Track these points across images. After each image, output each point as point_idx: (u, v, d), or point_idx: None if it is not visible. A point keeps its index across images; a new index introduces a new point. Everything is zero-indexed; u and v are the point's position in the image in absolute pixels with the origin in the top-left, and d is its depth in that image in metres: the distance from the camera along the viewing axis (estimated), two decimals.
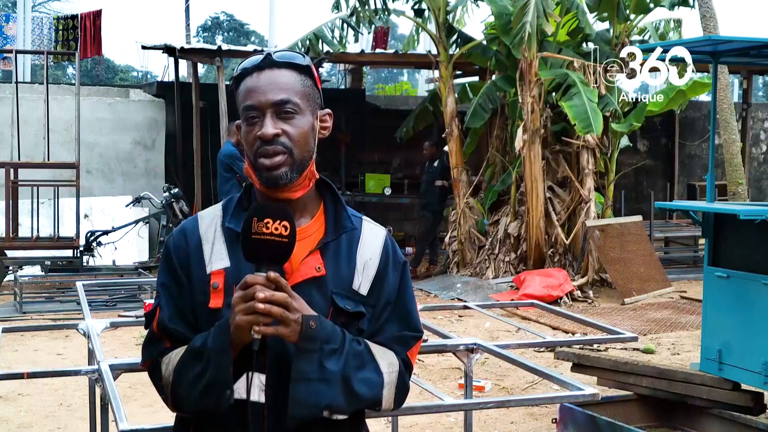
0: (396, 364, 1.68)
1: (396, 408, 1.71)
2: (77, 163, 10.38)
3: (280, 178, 1.63)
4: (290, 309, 1.52)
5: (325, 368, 1.55)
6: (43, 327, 5.29)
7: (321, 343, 1.55)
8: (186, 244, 1.70)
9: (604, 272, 9.93)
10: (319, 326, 1.55)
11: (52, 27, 13.21)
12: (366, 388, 1.61)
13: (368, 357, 1.63)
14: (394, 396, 1.68)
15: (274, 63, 1.66)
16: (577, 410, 4.31)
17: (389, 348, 1.69)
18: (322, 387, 1.55)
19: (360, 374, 1.60)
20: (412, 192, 13.14)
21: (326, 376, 1.55)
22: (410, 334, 1.73)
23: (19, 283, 8.73)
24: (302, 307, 1.56)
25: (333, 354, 1.56)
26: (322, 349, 1.55)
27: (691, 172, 15.93)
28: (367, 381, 1.61)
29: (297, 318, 1.53)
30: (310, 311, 1.57)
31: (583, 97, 9.14)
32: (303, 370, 1.54)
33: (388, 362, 1.66)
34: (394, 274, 1.73)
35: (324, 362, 1.55)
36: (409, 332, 1.73)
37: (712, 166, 5.15)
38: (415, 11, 11.37)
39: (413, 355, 1.74)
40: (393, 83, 30.84)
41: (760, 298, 4.31)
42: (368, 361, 1.63)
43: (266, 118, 1.62)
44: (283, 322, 1.52)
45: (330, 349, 1.56)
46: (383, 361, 1.65)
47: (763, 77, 27.38)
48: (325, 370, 1.55)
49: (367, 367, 1.62)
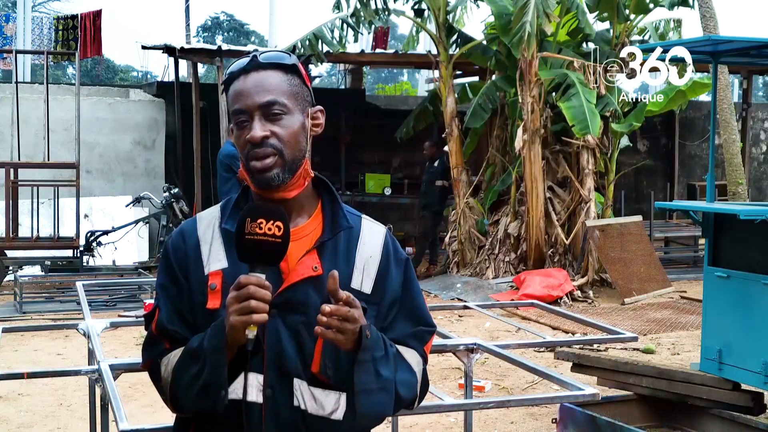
0: (421, 362, 1.71)
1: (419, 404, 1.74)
2: (77, 163, 10.38)
3: (273, 180, 1.63)
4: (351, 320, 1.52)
5: (381, 376, 1.58)
6: (43, 327, 5.29)
7: (372, 351, 1.57)
8: (184, 245, 1.70)
9: (604, 272, 9.93)
10: (371, 333, 1.57)
11: (52, 27, 13.21)
12: (407, 390, 1.65)
13: (400, 358, 1.66)
14: (420, 393, 1.72)
15: (259, 65, 1.66)
16: (577, 410, 4.31)
17: (408, 345, 1.71)
18: (382, 396, 1.58)
19: (400, 376, 1.64)
20: (412, 192, 13.15)
21: (383, 385, 1.58)
22: (425, 329, 1.75)
23: (19, 283, 8.73)
24: (360, 316, 1.56)
25: (383, 360, 1.59)
26: (374, 357, 1.57)
27: (691, 172, 15.93)
28: (406, 382, 1.65)
29: (355, 328, 1.54)
30: (363, 318, 1.57)
31: (581, 98, 9.14)
32: (365, 381, 1.56)
33: (416, 360, 1.70)
34: (398, 271, 1.73)
35: (379, 370, 1.57)
36: (424, 327, 1.75)
37: (712, 166, 5.15)
38: (415, 11, 11.37)
39: (428, 349, 1.77)
40: (393, 83, 30.85)
41: (760, 298, 4.31)
42: (401, 361, 1.66)
43: (254, 120, 1.63)
44: (342, 332, 1.51)
45: (380, 355, 1.58)
46: (412, 359, 1.69)
47: (763, 77, 27.39)
48: (381, 378, 1.58)
49: (402, 368, 1.65)
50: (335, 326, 1.50)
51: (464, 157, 11.00)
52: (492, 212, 10.87)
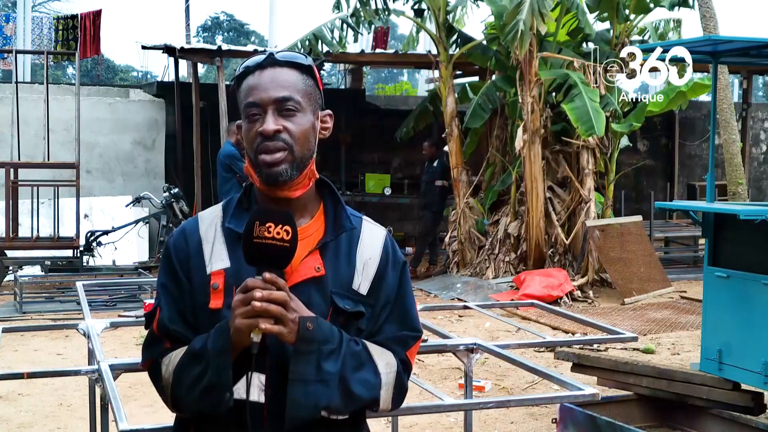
0: (394, 364, 1.68)
1: (394, 408, 1.71)
2: (77, 163, 10.38)
3: (280, 175, 1.63)
4: (288, 308, 1.52)
5: (323, 369, 1.55)
6: (43, 327, 5.29)
7: (318, 344, 1.55)
8: (186, 244, 1.70)
9: (604, 272, 9.93)
10: (317, 327, 1.55)
11: (52, 27, 13.22)
12: (363, 389, 1.61)
13: (366, 357, 1.63)
14: (392, 396, 1.68)
15: (276, 62, 1.67)
16: (577, 410, 4.31)
17: (388, 348, 1.69)
18: (319, 388, 1.55)
19: (358, 375, 1.60)
20: (412, 192, 13.15)
21: (324, 377, 1.55)
22: (409, 334, 1.73)
23: (19, 283, 8.73)
24: (299, 307, 1.56)
25: (331, 355, 1.56)
26: (319, 350, 1.55)
27: (691, 172, 15.93)
28: (364, 381, 1.61)
29: (294, 318, 1.53)
30: (308, 312, 1.57)
31: (584, 98, 9.12)
32: (300, 371, 1.54)
33: (386, 362, 1.66)
34: (394, 274, 1.73)
35: (321, 363, 1.55)
36: (408, 332, 1.73)
37: (712, 166, 5.15)
38: (415, 11, 11.37)
39: (412, 355, 1.74)
40: (393, 83, 30.85)
41: (760, 298, 4.31)
42: (366, 361, 1.63)
43: (267, 114, 1.63)
44: (281, 321, 1.52)
45: (328, 350, 1.56)
46: (381, 361, 1.65)
47: (763, 77, 27.38)
48: (323, 371, 1.55)
49: (365, 368, 1.62)
50: (275, 313, 1.49)
51: (464, 157, 11.00)
52: (492, 212, 10.87)
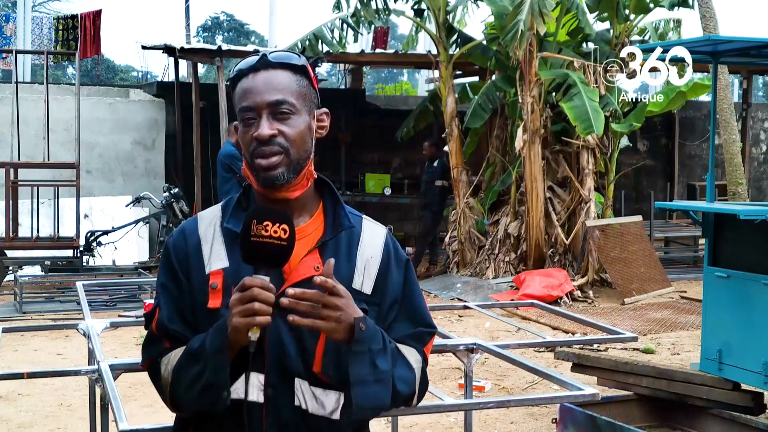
0: (420, 359, 1.71)
1: (417, 403, 1.73)
2: (77, 163, 10.38)
3: (277, 179, 1.63)
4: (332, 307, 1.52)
5: (378, 368, 1.57)
6: (43, 327, 5.29)
7: (369, 344, 1.56)
8: (185, 244, 1.70)
9: (604, 272, 9.93)
10: (367, 326, 1.56)
11: (52, 27, 13.21)
12: (404, 385, 1.64)
13: (398, 354, 1.66)
14: (419, 392, 1.71)
15: (269, 64, 1.66)
16: (577, 410, 4.31)
17: (407, 345, 1.71)
18: (378, 388, 1.57)
19: (398, 371, 1.63)
20: (412, 192, 13.15)
21: (380, 377, 1.58)
22: (425, 330, 1.75)
23: (19, 283, 8.73)
24: (347, 305, 1.55)
25: (380, 353, 1.58)
26: (371, 349, 1.56)
27: (691, 172, 15.93)
28: (404, 378, 1.64)
29: (338, 316, 1.53)
30: (357, 310, 1.57)
31: (583, 98, 9.12)
32: (360, 373, 1.56)
33: (414, 358, 1.69)
34: (398, 272, 1.73)
35: (376, 362, 1.57)
36: (424, 328, 1.75)
37: (712, 166, 5.15)
38: (415, 11, 11.36)
39: (428, 350, 1.77)
40: (393, 83, 30.85)
41: (760, 298, 4.31)
42: (399, 357, 1.66)
43: (262, 118, 1.62)
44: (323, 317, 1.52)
45: (377, 348, 1.58)
46: (411, 357, 1.68)
47: (763, 77, 27.38)
48: (378, 370, 1.57)
49: (401, 364, 1.65)
50: (304, 310, 1.50)
51: (464, 157, 11.00)
52: (492, 212, 10.87)
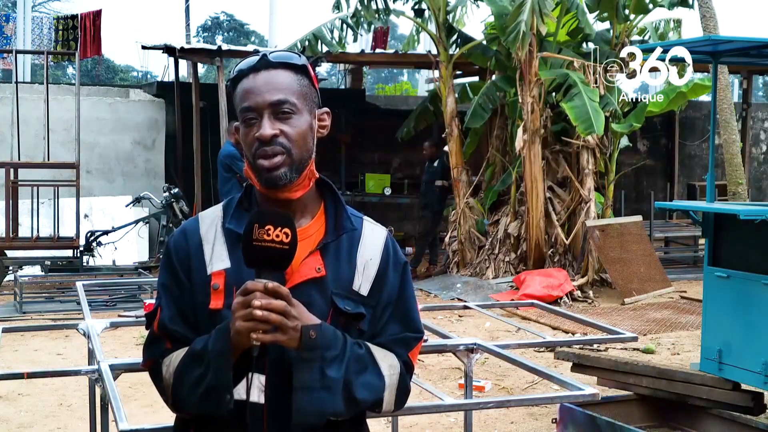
0: (397, 366, 1.68)
1: (397, 409, 1.71)
2: (77, 163, 10.37)
3: (280, 179, 1.63)
4: (288, 317, 1.51)
5: (327, 376, 1.55)
6: (43, 327, 5.29)
7: (322, 351, 1.55)
8: (186, 244, 1.69)
9: (604, 272, 9.93)
10: (320, 334, 1.55)
11: (52, 27, 13.22)
12: (367, 392, 1.62)
13: (369, 360, 1.63)
14: (395, 398, 1.68)
15: (270, 64, 1.65)
16: (577, 410, 4.31)
17: (390, 350, 1.69)
18: (324, 395, 1.55)
19: (361, 378, 1.61)
20: (412, 192, 13.14)
21: (328, 384, 1.55)
22: (411, 335, 1.73)
23: (19, 283, 8.72)
24: (301, 314, 1.55)
25: (334, 361, 1.56)
26: (323, 357, 1.55)
27: (691, 172, 15.93)
28: (368, 385, 1.62)
29: (295, 326, 1.52)
30: (311, 318, 1.56)
31: (584, 98, 9.13)
32: (304, 379, 1.54)
33: (389, 364, 1.66)
34: (395, 275, 1.73)
35: (325, 370, 1.55)
36: (410, 333, 1.73)
37: (712, 166, 5.15)
38: (415, 11, 11.37)
39: (414, 356, 1.74)
40: (393, 83, 30.84)
41: (760, 298, 4.31)
42: (369, 364, 1.63)
43: (264, 119, 1.62)
44: (281, 329, 1.51)
45: (331, 356, 1.56)
46: (384, 363, 1.65)
47: (763, 77, 27.36)
48: (327, 377, 1.55)
49: (368, 371, 1.62)
50: (275, 321, 1.49)
51: (464, 157, 11.00)
52: (492, 212, 10.87)
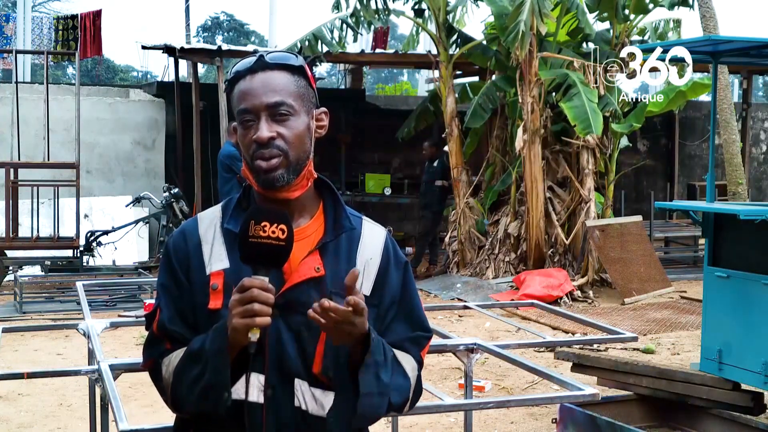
0: (416, 367, 1.72)
1: (410, 409, 1.74)
2: (77, 163, 10.37)
3: (277, 180, 1.63)
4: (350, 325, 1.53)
5: (381, 381, 1.59)
6: (43, 327, 5.30)
7: (375, 356, 1.58)
8: (186, 245, 1.70)
9: (604, 272, 9.93)
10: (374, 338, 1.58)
11: (52, 27, 13.22)
12: (398, 395, 1.65)
13: (396, 363, 1.66)
14: (412, 398, 1.72)
15: (267, 65, 1.65)
16: (577, 410, 4.31)
17: (405, 350, 1.71)
18: (379, 400, 1.59)
19: (395, 381, 1.64)
20: (412, 192, 13.15)
21: (382, 390, 1.60)
22: (422, 334, 1.76)
23: (19, 283, 8.72)
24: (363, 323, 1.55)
25: (383, 365, 1.60)
26: (377, 362, 1.58)
27: (691, 172, 15.93)
28: (399, 387, 1.65)
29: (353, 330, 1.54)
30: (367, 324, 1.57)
31: (582, 98, 9.14)
32: (368, 384, 1.57)
33: (411, 366, 1.70)
34: (397, 274, 1.73)
35: (380, 375, 1.59)
36: (421, 332, 1.75)
37: (712, 166, 5.15)
38: (415, 11, 11.37)
39: (424, 354, 1.77)
40: (393, 83, 30.85)
41: (760, 298, 4.31)
42: (397, 366, 1.66)
43: (261, 121, 1.62)
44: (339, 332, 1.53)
45: (381, 360, 1.60)
46: (407, 365, 1.69)
47: (763, 77, 27.37)
48: (381, 383, 1.59)
49: (397, 373, 1.65)
50: (328, 324, 1.51)
51: (464, 157, 11.00)
52: (492, 212, 10.87)
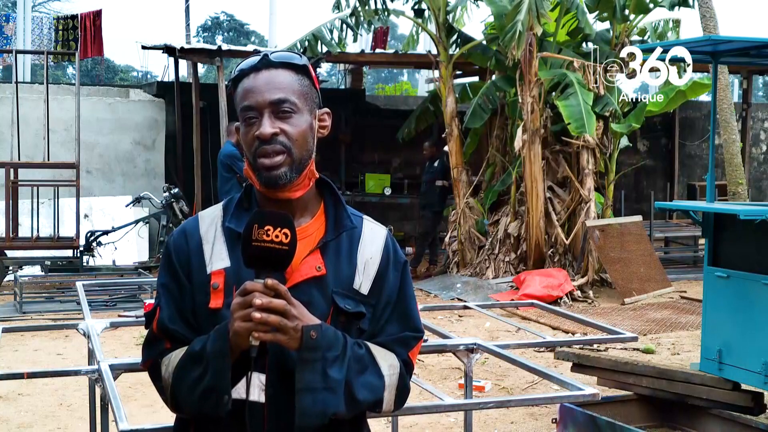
0: (397, 365, 1.68)
1: (397, 409, 1.71)
2: (77, 163, 10.37)
3: (280, 178, 1.62)
4: (288, 317, 1.51)
5: (329, 377, 1.55)
6: (43, 327, 5.28)
7: (323, 352, 1.54)
8: (186, 244, 1.69)
9: (604, 272, 9.93)
10: (321, 335, 1.55)
11: (52, 27, 13.22)
12: (367, 392, 1.62)
13: (369, 360, 1.63)
14: (395, 398, 1.68)
15: (271, 63, 1.65)
16: (577, 410, 4.31)
17: (390, 349, 1.69)
18: (327, 396, 1.55)
19: (361, 378, 1.61)
20: (412, 192, 13.14)
21: (330, 385, 1.55)
22: (411, 335, 1.73)
23: (19, 283, 8.72)
24: (302, 314, 1.54)
25: (335, 361, 1.56)
26: (324, 357, 1.55)
27: (691, 172, 15.93)
28: (368, 385, 1.62)
29: (296, 326, 1.52)
30: (311, 318, 1.56)
31: (578, 98, 9.18)
32: (307, 380, 1.54)
33: (389, 364, 1.66)
34: (395, 274, 1.73)
35: (327, 371, 1.55)
36: (410, 333, 1.73)
37: (712, 166, 5.15)
38: (415, 11, 11.37)
39: (414, 355, 1.74)
40: (393, 83, 30.84)
41: (760, 298, 4.31)
42: (369, 364, 1.63)
43: (264, 117, 1.62)
44: (281, 330, 1.51)
45: (332, 356, 1.56)
46: (384, 363, 1.65)
47: (763, 77, 27.40)
48: (329, 378, 1.55)
49: (369, 371, 1.62)
50: (274, 323, 1.48)
51: (464, 157, 11.00)
52: (492, 212, 10.87)
